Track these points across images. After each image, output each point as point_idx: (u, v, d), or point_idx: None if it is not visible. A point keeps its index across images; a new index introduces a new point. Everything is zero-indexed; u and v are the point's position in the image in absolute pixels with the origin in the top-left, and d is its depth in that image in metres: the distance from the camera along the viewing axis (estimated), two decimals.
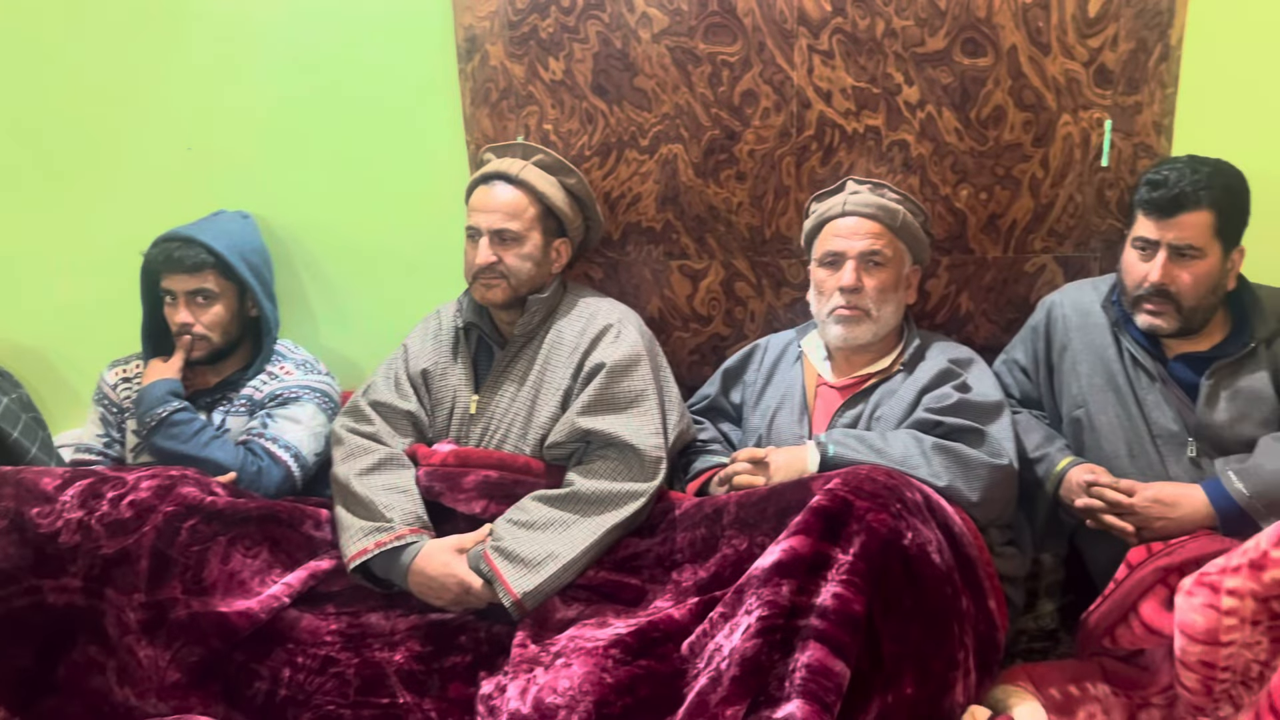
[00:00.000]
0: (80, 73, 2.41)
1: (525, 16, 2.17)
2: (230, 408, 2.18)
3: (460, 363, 2.09)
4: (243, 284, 2.19)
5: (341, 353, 2.49)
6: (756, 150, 2.18)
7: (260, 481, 2.04)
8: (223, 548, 1.79)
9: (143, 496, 1.78)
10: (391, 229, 2.39)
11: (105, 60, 2.39)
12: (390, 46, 2.27)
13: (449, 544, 1.85)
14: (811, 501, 1.61)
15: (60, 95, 2.43)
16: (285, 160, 2.39)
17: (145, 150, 2.44)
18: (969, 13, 2.03)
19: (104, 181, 2.47)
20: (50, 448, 2.32)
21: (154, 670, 1.71)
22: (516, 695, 1.60)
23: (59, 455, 2.34)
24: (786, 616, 1.51)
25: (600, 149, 2.23)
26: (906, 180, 2.13)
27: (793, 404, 2.05)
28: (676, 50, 2.14)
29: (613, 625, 1.70)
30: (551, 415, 1.99)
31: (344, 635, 1.78)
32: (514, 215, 2.02)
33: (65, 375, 2.62)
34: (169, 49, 2.37)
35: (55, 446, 2.35)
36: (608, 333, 2.01)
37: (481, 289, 2.03)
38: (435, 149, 2.32)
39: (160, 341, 2.22)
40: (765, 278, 2.26)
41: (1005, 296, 2.19)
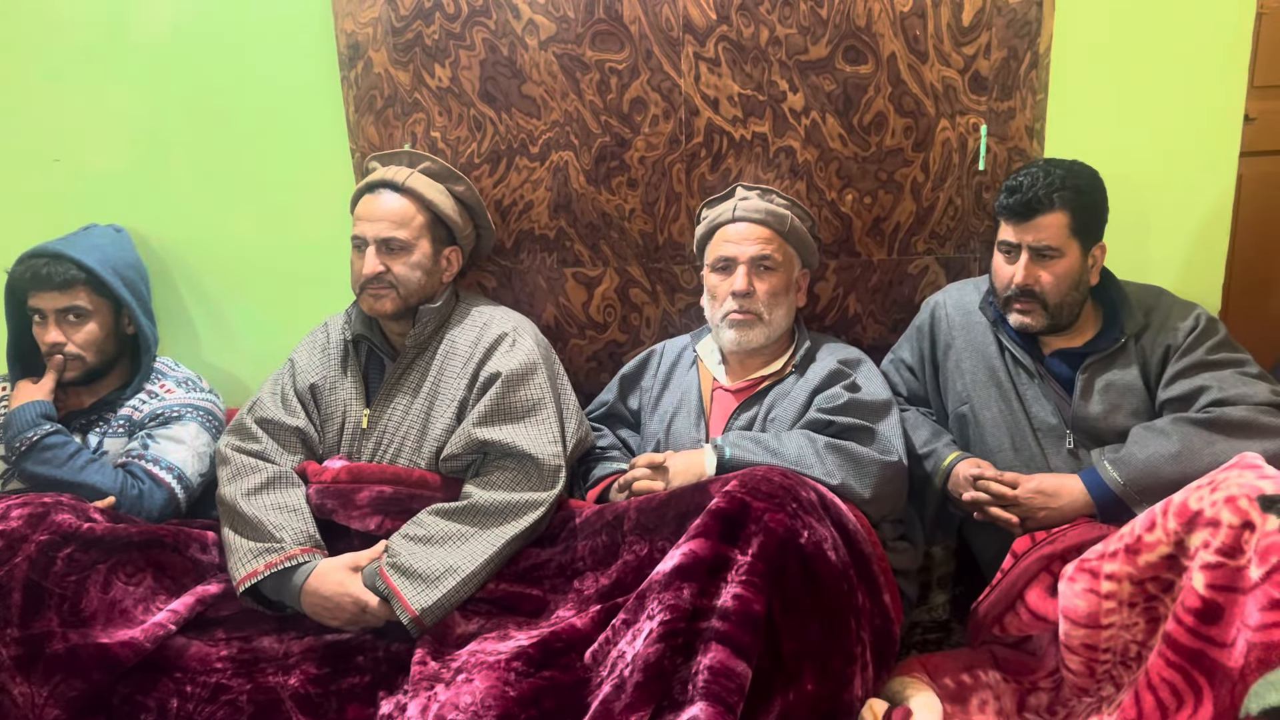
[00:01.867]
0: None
1: (409, 23, 2.14)
2: (108, 429, 2.09)
3: (350, 376, 2.05)
4: (118, 300, 2.10)
5: (225, 369, 2.42)
6: (647, 157, 2.19)
7: (142, 505, 1.96)
8: (103, 576, 1.71)
9: (13, 525, 1.69)
10: (275, 240, 2.33)
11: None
12: (270, 53, 2.21)
13: (343, 562, 1.80)
14: (710, 504, 1.62)
15: None
16: (161, 172, 2.31)
17: (8, 162, 2.33)
18: (850, 21, 2.08)
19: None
20: None
21: (30, 709, 1.62)
22: (417, 714, 1.57)
23: None
24: (688, 620, 1.51)
25: (490, 156, 2.21)
26: (794, 186, 2.17)
27: (689, 408, 2.07)
28: (564, 57, 2.14)
29: (515, 637, 1.68)
30: (447, 427, 1.96)
31: (235, 661, 1.72)
32: (401, 224, 1.99)
33: None
34: (34, 54, 2.26)
35: None
36: (503, 341, 1.99)
37: (370, 300, 1.99)
38: (318, 158, 2.26)
39: (29, 362, 2.12)
40: (659, 284, 2.28)
41: (891, 298, 2.25)
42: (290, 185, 2.29)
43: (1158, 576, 1.49)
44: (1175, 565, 1.47)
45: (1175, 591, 1.48)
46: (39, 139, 2.31)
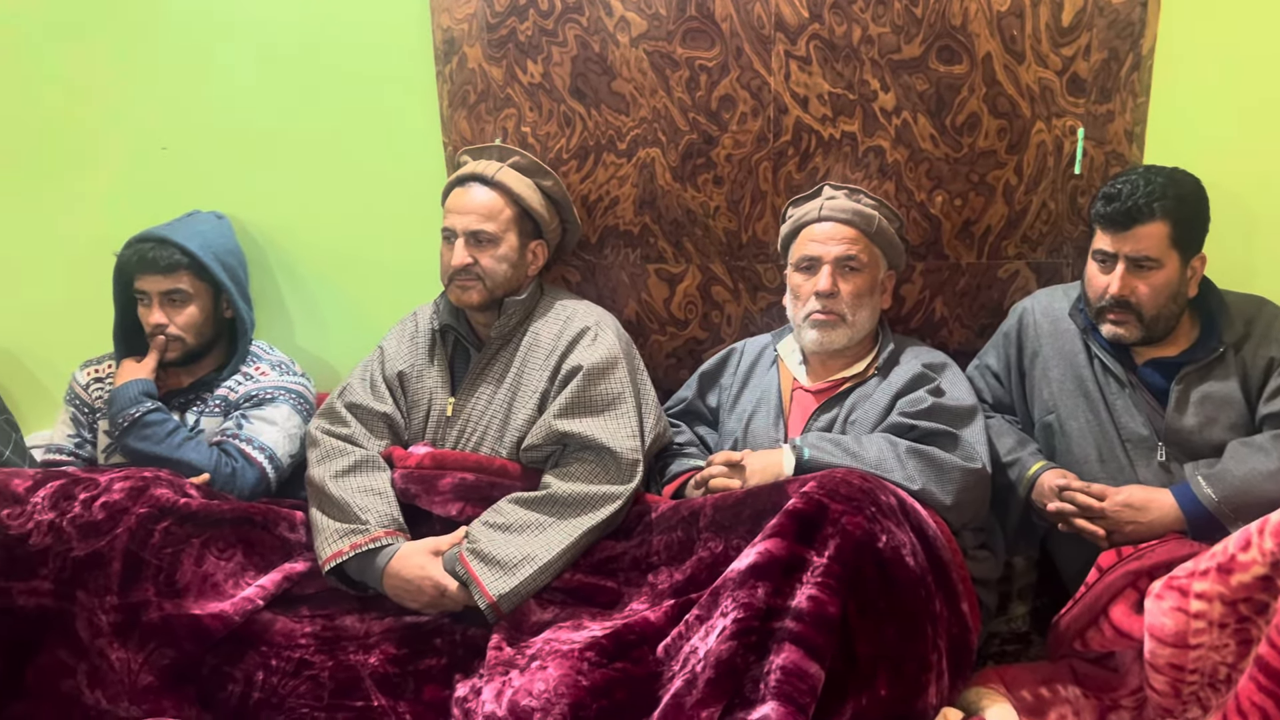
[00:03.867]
0: (55, 71, 2.39)
1: (504, 19, 2.17)
2: (204, 409, 2.17)
3: (437, 365, 2.09)
4: (218, 285, 2.17)
5: (317, 354, 2.48)
6: (734, 155, 2.19)
7: (234, 483, 2.03)
8: (196, 549, 1.78)
9: (115, 498, 1.77)
10: (368, 231, 2.39)
11: (80, 59, 2.37)
12: (368, 47, 2.27)
13: (425, 546, 1.84)
14: (787, 505, 1.62)
15: (35, 94, 2.41)
16: (262, 161, 2.38)
17: (120, 150, 2.42)
18: (944, 21, 2.05)
19: (78, 181, 2.45)
20: (23, 450, 2.30)
21: (126, 673, 1.70)
22: (491, 698, 1.60)
23: (31, 457, 2.32)
24: (762, 619, 1.51)
25: (578, 152, 2.23)
26: (882, 186, 2.15)
27: (768, 408, 2.06)
28: (655, 55, 2.15)
29: (588, 628, 1.70)
30: (528, 418, 1.98)
31: (318, 638, 1.77)
32: (489, 217, 2.02)
33: (37, 375, 2.60)
34: (144, 48, 2.35)
35: (27, 448, 2.33)
36: (585, 335, 2.02)
37: (457, 291, 2.03)
38: (412, 151, 2.31)
39: (133, 342, 2.21)
40: (742, 282, 2.27)
41: (979, 302, 2.21)
42: (384, 177, 2.34)
43: (1251, 598, 1.44)
44: (1270, 587, 1.42)
45: (1270, 614, 1.43)
46: (148, 128, 2.40)
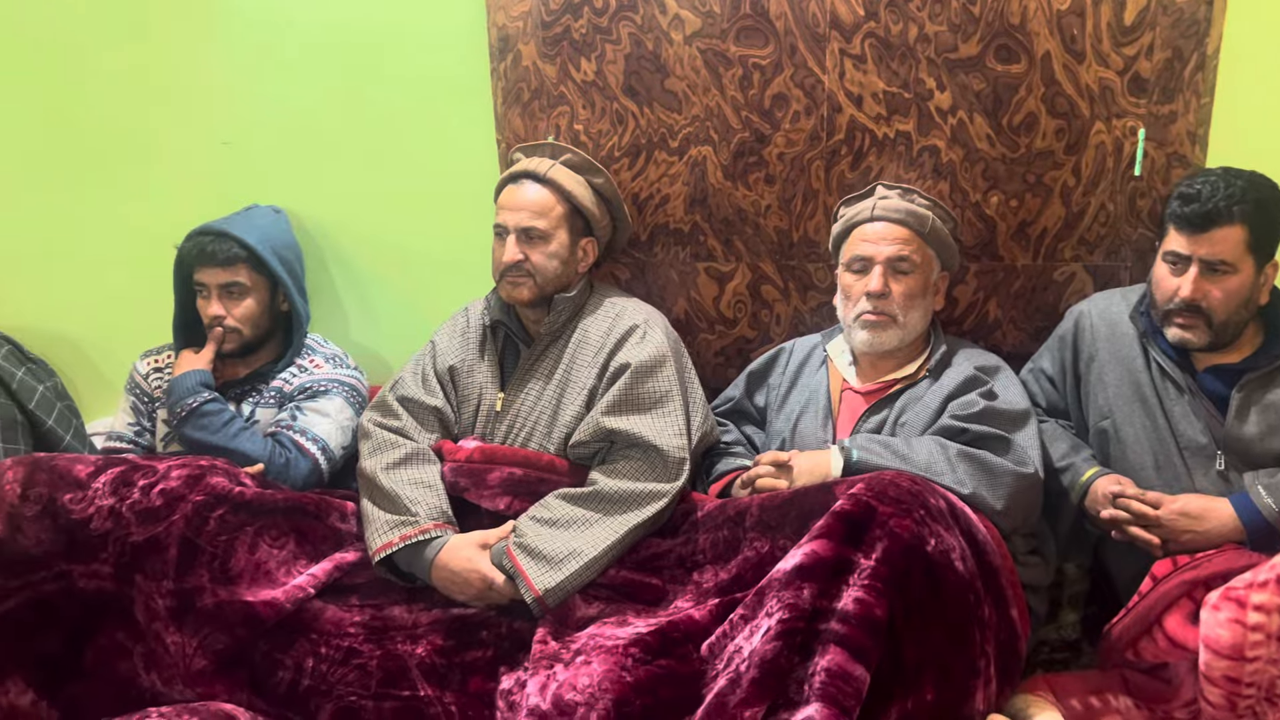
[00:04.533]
0: (118, 66, 2.44)
1: (558, 17, 2.18)
2: (260, 400, 2.21)
3: (487, 360, 2.11)
4: (275, 278, 2.21)
5: (370, 348, 2.52)
6: (786, 154, 2.18)
7: (288, 473, 2.07)
8: (250, 538, 1.81)
9: (173, 485, 1.81)
10: (422, 226, 2.41)
11: (145, 56, 2.43)
12: (424, 45, 2.29)
13: (473, 539, 1.86)
14: (834, 506, 1.61)
15: (97, 88, 2.47)
16: (318, 156, 2.42)
17: (181, 144, 2.47)
18: (1003, 19, 2.02)
19: (140, 174, 2.51)
20: (83, 436, 2.36)
21: (181, 657, 1.73)
22: (536, 691, 1.61)
23: (91, 443, 2.38)
24: (807, 620, 1.51)
25: (630, 150, 2.24)
26: (936, 186, 2.13)
27: (817, 408, 2.05)
28: (708, 53, 2.15)
29: (633, 624, 1.70)
30: (576, 414, 1.99)
31: (367, 627, 1.80)
32: (541, 214, 2.03)
33: (98, 364, 2.66)
34: (205, 45, 2.40)
35: (88, 434, 2.39)
36: (634, 333, 2.02)
37: (508, 287, 2.05)
38: (466, 148, 2.33)
39: (192, 333, 2.25)
40: (792, 281, 2.26)
41: (1034, 304, 2.18)
42: (438, 174, 2.37)
43: None
44: None
45: None
46: (210, 123, 2.44)
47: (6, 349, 2.30)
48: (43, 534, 1.75)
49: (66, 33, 2.45)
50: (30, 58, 2.47)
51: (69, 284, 2.62)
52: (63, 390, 2.39)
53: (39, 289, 2.64)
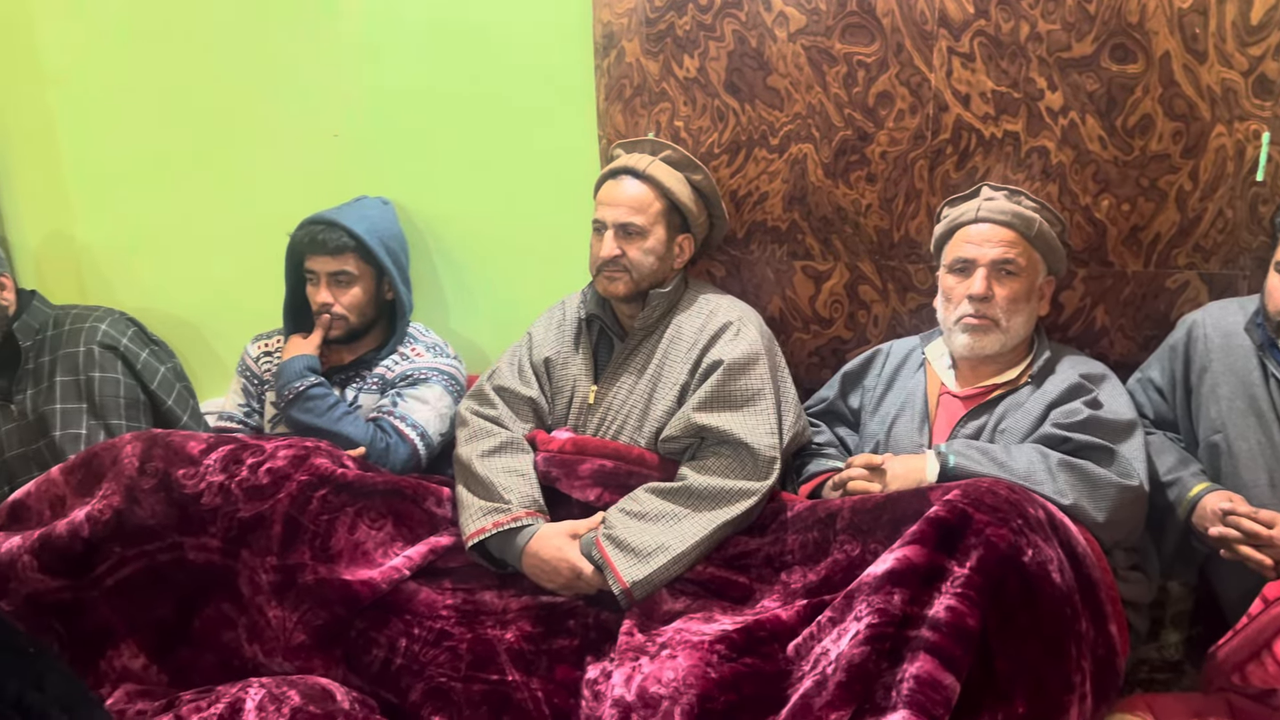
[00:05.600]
0: (236, 63, 2.54)
1: (663, 14, 2.19)
2: (363, 385, 2.28)
3: (581, 353, 2.13)
4: (381, 268, 2.27)
5: (469, 338, 2.57)
6: (889, 152, 2.15)
7: (388, 457, 2.12)
8: (350, 518, 1.87)
9: (279, 465, 1.88)
10: (522, 220, 2.45)
11: (260, 52, 2.51)
12: (530, 41, 2.32)
13: (563, 529, 1.88)
14: (929, 511, 1.59)
15: (217, 84, 2.57)
16: (425, 149, 2.47)
17: (295, 137, 2.55)
18: (1120, 18, 1.96)
19: (256, 165, 2.60)
20: (199, 416, 2.46)
21: (281, 630, 1.80)
22: (621, 682, 1.62)
23: (205, 423, 2.48)
24: (897, 625, 1.49)
25: (730, 147, 2.23)
26: (1045, 188, 2.07)
27: (913, 412, 2.02)
28: (812, 50, 2.13)
29: (719, 621, 1.70)
30: (667, 409, 2.00)
31: (459, 611, 1.83)
32: (639, 210, 2.04)
33: (214, 347, 2.77)
34: (318, 41, 2.47)
35: (202, 415, 2.49)
36: (727, 330, 2.02)
37: (605, 281, 2.06)
38: (568, 143, 2.36)
39: (301, 318, 2.32)
40: (891, 282, 2.23)
41: (1144, 312, 2.11)
42: (540, 168, 2.40)
43: None
44: None
45: None
46: (321, 116, 2.52)
47: (132, 330, 2.42)
48: (158, 506, 1.84)
49: (189, 35, 2.55)
50: (157, 59, 2.59)
51: (189, 270, 2.73)
52: (181, 371, 2.50)
53: (161, 274, 2.76)
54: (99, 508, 1.84)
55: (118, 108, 2.65)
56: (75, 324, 2.36)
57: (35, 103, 2.70)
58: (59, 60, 2.65)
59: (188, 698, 1.71)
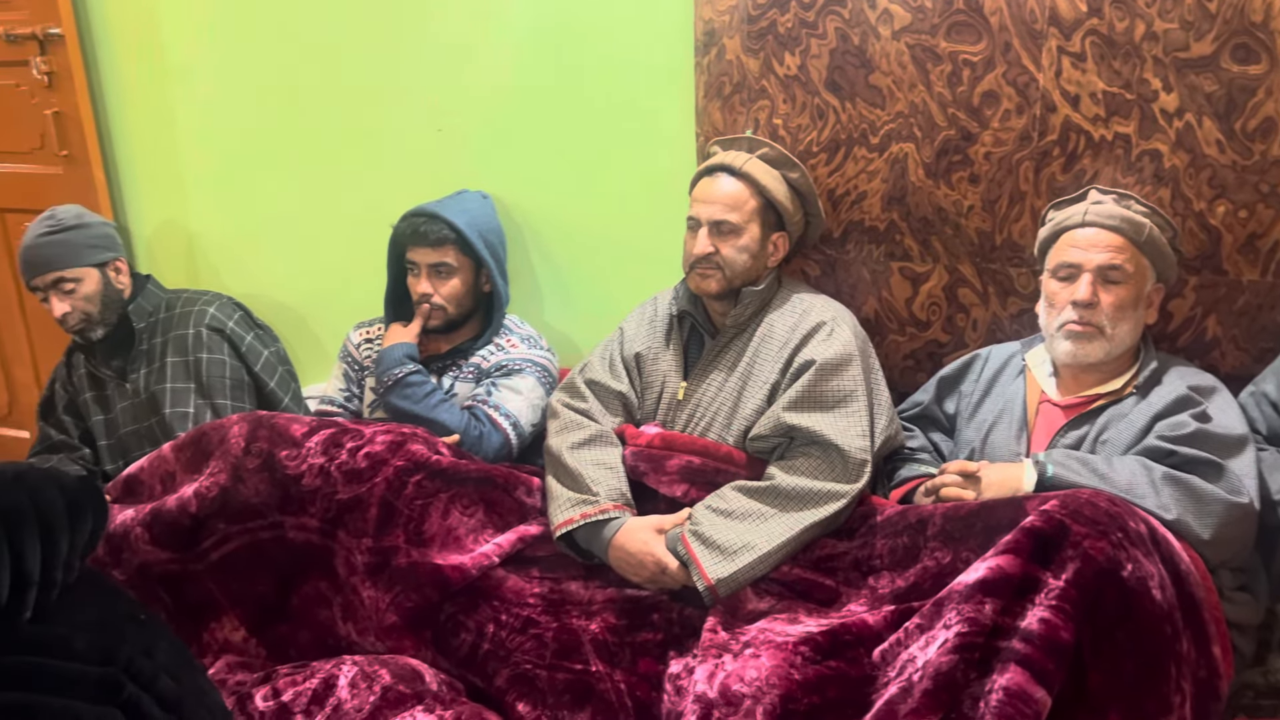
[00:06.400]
0: (345, 61, 2.60)
1: (765, 11, 2.18)
2: (459, 374, 2.32)
3: (672, 349, 2.14)
4: (479, 260, 2.31)
5: (563, 331, 2.59)
6: (993, 153, 2.10)
7: (481, 446, 2.16)
8: (443, 504, 1.90)
9: (377, 449, 1.92)
10: (618, 216, 2.46)
11: (367, 49, 2.57)
12: (631, 38, 2.33)
13: (649, 523, 1.89)
14: (1024, 521, 1.55)
15: (326, 81, 2.64)
16: (524, 144, 2.50)
17: (399, 131, 2.61)
18: (1243, 17, 1.88)
19: (361, 159, 2.66)
20: (300, 399, 2.54)
21: (374, 611, 1.84)
22: (704, 679, 1.63)
23: (306, 406, 2.56)
24: (987, 636, 1.46)
25: (829, 145, 2.21)
26: (1156, 193, 2.00)
27: (1011, 419, 1.97)
28: (916, 48, 2.10)
29: (804, 623, 1.69)
30: (757, 408, 1.99)
31: (545, 599, 1.85)
32: (734, 207, 2.04)
33: (317, 333, 2.86)
34: (422, 38, 2.52)
35: (304, 398, 2.57)
36: (820, 330, 2.00)
37: (697, 278, 2.06)
38: (665, 140, 2.36)
39: (401, 307, 2.38)
40: (992, 285, 2.18)
41: (1259, 323, 2.02)
42: (637, 165, 2.41)
43: None
44: None
45: None
46: (425, 112, 2.57)
47: (239, 315, 2.51)
48: (261, 485, 1.90)
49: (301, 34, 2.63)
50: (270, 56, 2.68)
51: (294, 258, 2.82)
52: (285, 355, 2.58)
53: (268, 261, 2.86)
54: (206, 485, 1.91)
55: (232, 103, 2.76)
56: (186, 307, 2.47)
57: (157, 96, 2.82)
58: (180, 56, 2.77)
59: (284, 671, 1.76)
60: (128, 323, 2.44)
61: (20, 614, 1.17)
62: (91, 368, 2.49)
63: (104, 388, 2.48)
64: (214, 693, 1.43)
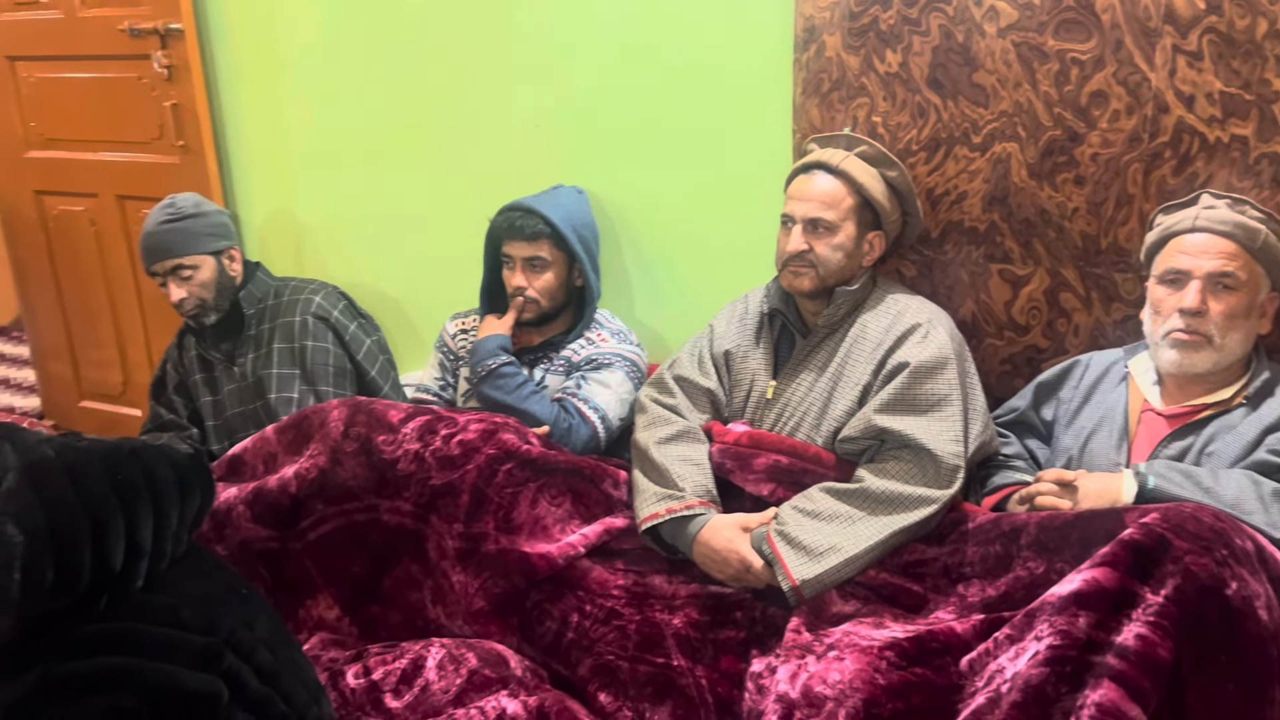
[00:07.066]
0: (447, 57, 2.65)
1: (867, 8, 2.15)
2: (550, 366, 2.35)
3: (762, 347, 2.13)
4: (573, 255, 2.33)
5: (653, 327, 2.60)
6: (1100, 154, 2.04)
7: (569, 438, 2.19)
8: (532, 493, 1.93)
9: (470, 437, 1.96)
10: (711, 212, 2.46)
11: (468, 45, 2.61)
12: (729, 34, 2.32)
13: (734, 521, 1.89)
14: (1123, 534, 1.50)
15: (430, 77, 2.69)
16: (619, 140, 2.51)
17: (497, 126, 2.64)
18: None
19: (461, 154, 2.70)
20: (399, 388, 2.61)
21: (463, 595, 1.88)
22: (786, 679, 1.62)
23: (403, 393, 2.62)
24: (1080, 649, 1.42)
25: (929, 144, 2.18)
26: (1274, 198, 1.92)
27: (1112, 428, 1.91)
28: (1023, 46, 2.05)
29: (890, 628, 1.67)
30: (847, 409, 1.97)
31: (629, 592, 1.87)
32: (830, 205, 2.02)
33: (415, 323, 2.92)
34: (521, 34, 2.55)
35: (402, 386, 2.64)
36: (915, 332, 1.97)
37: (790, 276, 2.05)
38: (761, 137, 2.35)
39: (496, 300, 2.42)
40: (1095, 290, 2.12)
41: None
42: (731, 162, 2.40)
43: None
44: None
45: None
46: (524, 108, 2.60)
47: (343, 304, 2.59)
48: (358, 469, 1.96)
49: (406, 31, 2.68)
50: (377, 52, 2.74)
51: (396, 249, 2.88)
52: (385, 344, 2.65)
53: (371, 252, 2.93)
54: (306, 466, 1.98)
55: (339, 98, 2.83)
56: (293, 295, 2.55)
57: (270, 88, 2.92)
58: (291, 52, 2.86)
59: (375, 650, 1.82)
60: (238, 308, 2.53)
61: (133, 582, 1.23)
62: (201, 350, 2.59)
63: (213, 370, 2.58)
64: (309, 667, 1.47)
